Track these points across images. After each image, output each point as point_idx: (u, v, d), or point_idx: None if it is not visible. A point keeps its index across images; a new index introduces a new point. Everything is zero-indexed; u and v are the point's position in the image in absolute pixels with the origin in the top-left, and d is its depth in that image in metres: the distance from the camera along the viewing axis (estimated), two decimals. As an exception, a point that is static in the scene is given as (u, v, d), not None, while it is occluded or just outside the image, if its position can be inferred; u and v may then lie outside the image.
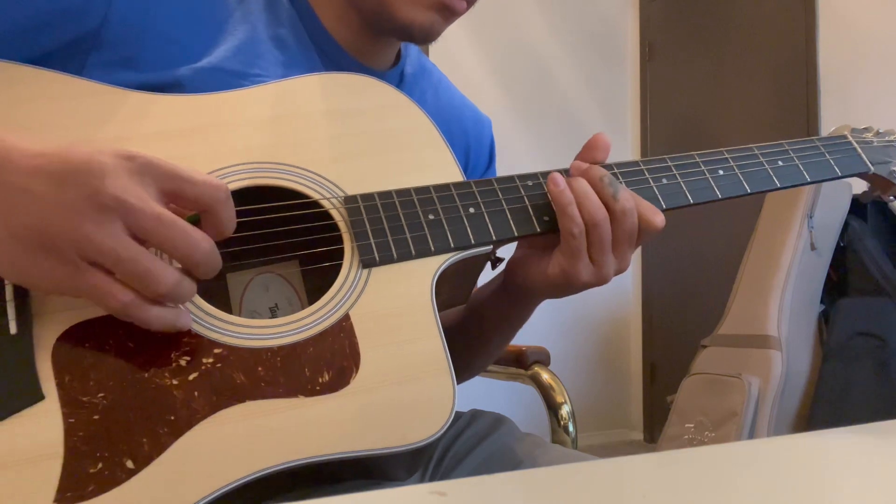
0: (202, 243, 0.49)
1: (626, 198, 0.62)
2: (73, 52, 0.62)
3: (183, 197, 0.49)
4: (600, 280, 0.64)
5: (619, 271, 0.64)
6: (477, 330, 0.78)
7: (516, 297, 0.71)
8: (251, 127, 0.62)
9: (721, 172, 0.70)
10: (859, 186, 0.80)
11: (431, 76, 0.87)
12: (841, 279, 2.51)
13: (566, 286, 0.65)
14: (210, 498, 0.46)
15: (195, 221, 0.51)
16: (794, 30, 3.21)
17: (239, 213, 0.58)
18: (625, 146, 3.96)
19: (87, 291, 0.47)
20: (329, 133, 0.64)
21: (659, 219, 0.64)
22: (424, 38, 0.74)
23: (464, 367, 0.82)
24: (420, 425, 0.52)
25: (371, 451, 0.50)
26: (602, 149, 0.67)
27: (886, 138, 0.78)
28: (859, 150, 0.76)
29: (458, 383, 0.80)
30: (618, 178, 0.66)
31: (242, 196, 0.59)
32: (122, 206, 0.46)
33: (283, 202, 0.60)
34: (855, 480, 0.38)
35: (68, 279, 0.46)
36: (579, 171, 0.65)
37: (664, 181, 0.68)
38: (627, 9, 4.05)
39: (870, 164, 0.75)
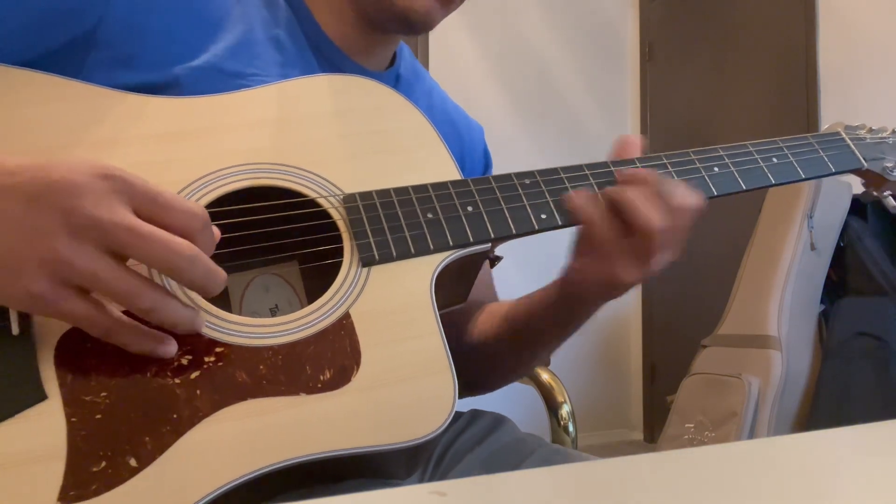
0: (184, 250, 0.47)
1: (682, 195, 0.63)
2: (71, 52, 0.62)
3: (158, 222, 0.47)
4: (652, 275, 0.64)
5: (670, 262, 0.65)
6: (530, 342, 0.77)
7: (576, 306, 0.70)
8: (249, 129, 0.62)
9: (716, 170, 0.70)
10: (859, 186, 0.80)
11: (424, 81, 0.87)
12: (841, 279, 2.51)
13: (621, 288, 0.65)
14: (212, 496, 0.46)
15: None
16: (794, 30, 3.21)
17: (238, 214, 0.58)
18: (625, 146, 3.95)
19: (68, 318, 0.47)
20: (327, 134, 0.64)
21: (700, 201, 0.64)
22: (423, 25, 0.74)
23: (508, 373, 0.82)
24: (421, 422, 0.52)
25: (372, 447, 0.51)
26: (634, 147, 0.69)
27: (880, 135, 0.79)
28: (853, 146, 0.77)
29: (496, 389, 0.81)
30: (614, 175, 0.67)
31: (242, 197, 0.59)
32: (95, 224, 0.45)
33: (282, 202, 0.60)
34: (855, 480, 0.38)
35: (46, 302, 0.46)
36: (630, 177, 0.64)
37: None
38: (627, 9, 4.05)
39: (863, 161, 0.76)
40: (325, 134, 0.64)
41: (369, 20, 0.75)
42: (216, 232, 0.51)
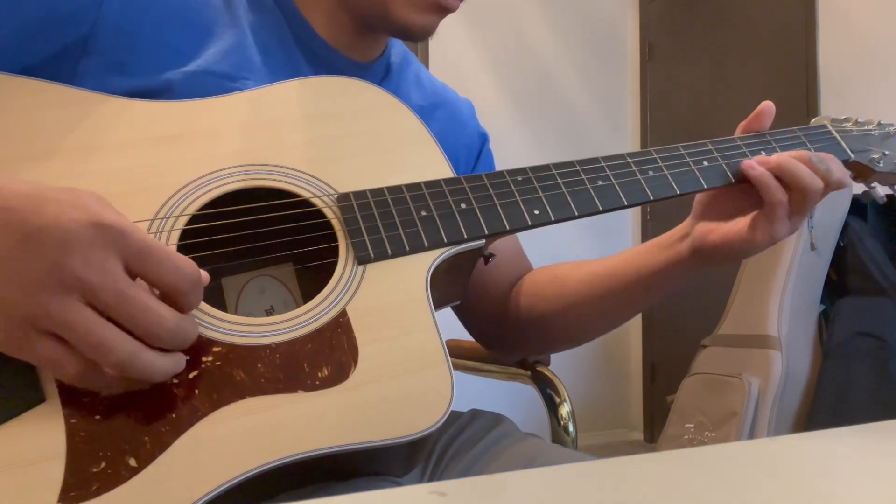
0: (167, 321, 0.47)
1: (839, 169, 0.70)
2: (63, 58, 0.62)
3: (147, 279, 0.47)
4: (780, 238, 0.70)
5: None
6: (638, 298, 0.80)
7: (702, 263, 0.74)
8: (242, 131, 0.62)
9: (705, 163, 0.72)
10: (859, 186, 0.81)
11: (412, 65, 0.89)
12: (841, 279, 2.50)
13: (757, 248, 0.70)
14: (213, 494, 0.46)
15: None
16: (794, 30, 3.21)
17: (233, 216, 0.58)
18: (625, 146, 3.96)
19: (38, 361, 0.47)
20: (320, 135, 0.65)
21: (849, 180, 0.73)
22: (422, 37, 0.76)
23: (595, 332, 0.86)
24: (419, 417, 0.52)
25: (371, 443, 0.51)
26: (768, 115, 0.78)
27: (865, 127, 0.80)
28: (839, 138, 0.78)
29: (577, 345, 0.83)
30: (604, 171, 0.69)
31: (236, 198, 0.59)
32: (81, 283, 0.44)
33: (276, 202, 0.60)
34: (855, 480, 0.38)
35: (20, 345, 0.45)
36: (784, 160, 0.69)
37: (651, 173, 0.69)
38: (627, 9, 4.05)
39: (850, 152, 0.77)
40: (318, 134, 0.65)
41: (366, 24, 0.76)
42: (205, 276, 0.50)
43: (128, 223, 0.47)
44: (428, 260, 0.60)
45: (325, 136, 0.65)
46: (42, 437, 0.47)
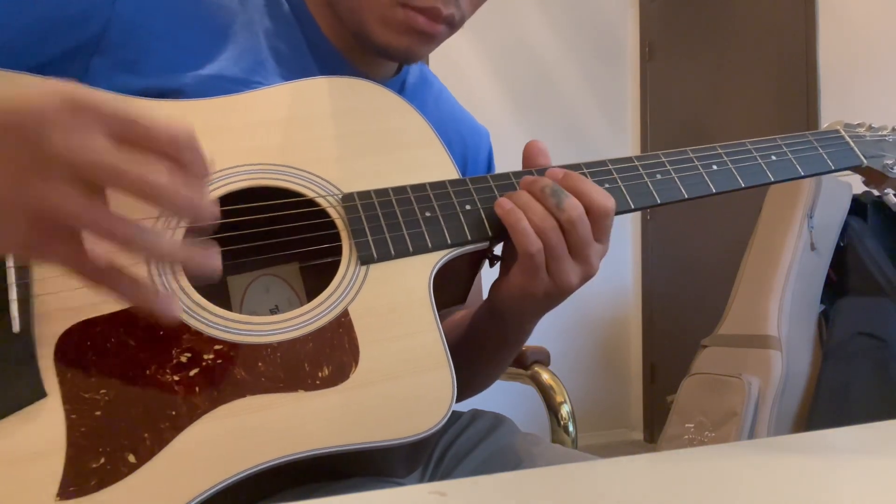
0: (168, 176, 0.42)
1: (572, 206, 0.59)
2: (76, 57, 0.62)
3: (135, 141, 0.42)
4: (563, 290, 0.61)
5: (587, 276, 0.62)
6: (475, 355, 0.76)
7: (502, 319, 0.69)
8: (248, 130, 0.63)
9: (715, 167, 0.70)
10: (859, 186, 0.80)
11: (432, 87, 0.87)
12: (841, 279, 2.51)
13: (530, 301, 0.63)
14: (210, 492, 0.47)
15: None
16: (794, 30, 3.21)
17: (238, 214, 0.58)
18: (625, 146, 3.96)
19: (53, 261, 0.44)
20: (326, 134, 0.65)
21: (610, 203, 0.61)
22: (404, 60, 0.74)
23: (464, 385, 0.81)
24: (420, 418, 0.52)
25: (371, 443, 0.51)
26: (542, 154, 0.67)
27: (879, 133, 0.79)
28: (852, 143, 0.77)
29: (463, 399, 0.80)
30: (612, 174, 0.67)
31: (241, 197, 0.59)
32: (67, 161, 0.41)
33: (281, 201, 0.60)
34: (855, 480, 0.38)
35: (32, 247, 0.43)
36: (525, 185, 0.62)
37: (658, 176, 0.69)
38: (627, 9, 4.05)
39: (863, 158, 0.76)
40: (324, 134, 0.65)
41: (360, 43, 0.75)
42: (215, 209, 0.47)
43: (103, 95, 0.43)
44: (431, 261, 0.60)
45: (331, 135, 0.65)
46: (43, 433, 0.47)
